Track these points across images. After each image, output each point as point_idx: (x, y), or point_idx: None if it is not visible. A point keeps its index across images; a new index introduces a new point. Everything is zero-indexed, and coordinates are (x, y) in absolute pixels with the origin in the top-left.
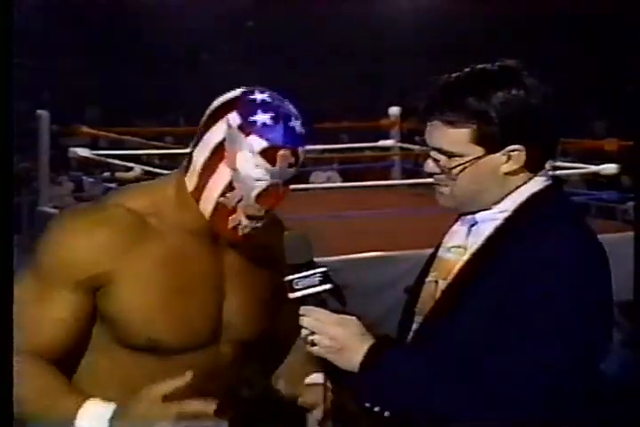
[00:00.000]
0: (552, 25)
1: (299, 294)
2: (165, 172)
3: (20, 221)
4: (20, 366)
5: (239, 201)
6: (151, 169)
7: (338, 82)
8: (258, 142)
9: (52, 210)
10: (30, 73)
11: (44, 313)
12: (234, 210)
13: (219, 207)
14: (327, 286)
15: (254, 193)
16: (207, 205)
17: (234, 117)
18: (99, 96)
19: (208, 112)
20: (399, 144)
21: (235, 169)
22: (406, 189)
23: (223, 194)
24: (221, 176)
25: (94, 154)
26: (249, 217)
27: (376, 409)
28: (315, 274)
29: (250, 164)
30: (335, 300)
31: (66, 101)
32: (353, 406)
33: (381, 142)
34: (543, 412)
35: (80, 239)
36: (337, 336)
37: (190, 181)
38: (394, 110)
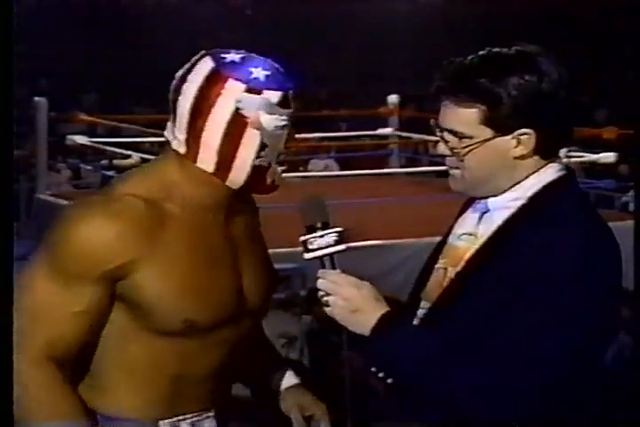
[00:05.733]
0: (552, 14)
1: (312, 255)
2: None
3: (18, 209)
4: (30, 371)
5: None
6: (149, 157)
7: (337, 69)
8: (273, 95)
9: (50, 197)
10: (28, 60)
11: (65, 307)
12: (269, 165)
13: (255, 170)
14: (341, 247)
15: (283, 140)
16: (241, 174)
17: (235, 85)
18: (97, 83)
19: (193, 99)
20: (397, 132)
21: (261, 128)
22: (404, 177)
23: (258, 156)
24: (251, 141)
25: (92, 141)
26: (280, 164)
27: (380, 375)
28: (330, 233)
29: (274, 117)
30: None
31: (64, 88)
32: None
33: (380, 131)
34: (543, 402)
35: (99, 232)
36: (351, 298)
37: (208, 164)
38: (392, 98)
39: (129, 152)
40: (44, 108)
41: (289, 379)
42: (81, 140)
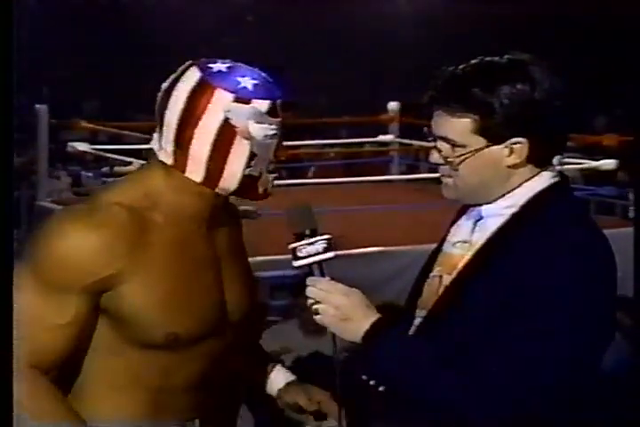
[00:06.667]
0: (551, 21)
1: (301, 262)
2: None
3: (19, 216)
4: (20, 383)
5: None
6: None
7: (337, 77)
8: (262, 104)
9: (51, 204)
10: (29, 67)
11: (49, 319)
12: (260, 174)
13: (245, 179)
14: (330, 255)
15: (273, 149)
16: (231, 183)
17: (223, 95)
18: (98, 90)
19: (181, 110)
20: (398, 139)
21: (251, 137)
22: (405, 184)
23: (248, 165)
24: (240, 150)
25: (93, 148)
26: (270, 172)
27: (371, 383)
28: (319, 241)
29: (263, 126)
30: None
31: (65, 95)
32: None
33: (380, 137)
34: (541, 408)
35: (83, 243)
36: (341, 306)
37: (196, 174)
38: (393, 105)
39: (130, 159)
40: (45, 115)
41: (286, 376)
42: (82, 147)
